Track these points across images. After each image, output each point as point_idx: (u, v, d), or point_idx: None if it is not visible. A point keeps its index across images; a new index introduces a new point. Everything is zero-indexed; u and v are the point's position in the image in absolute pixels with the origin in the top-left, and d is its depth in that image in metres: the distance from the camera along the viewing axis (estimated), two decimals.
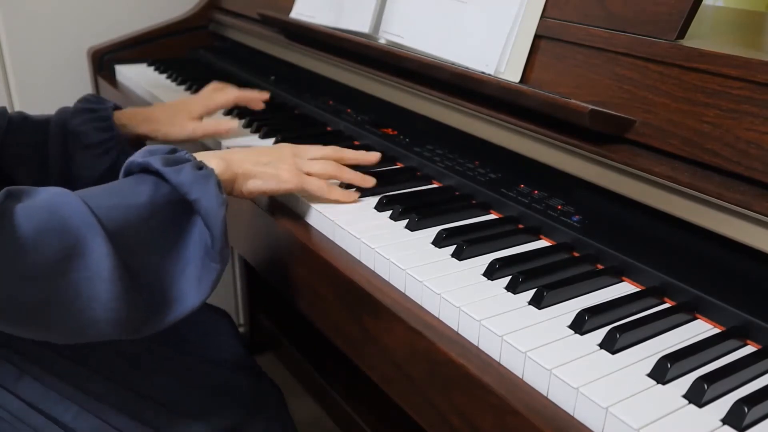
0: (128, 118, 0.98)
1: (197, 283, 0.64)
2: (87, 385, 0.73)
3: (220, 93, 1.03)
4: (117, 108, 0.99)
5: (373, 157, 0.84)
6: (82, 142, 0.94)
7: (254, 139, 1.01)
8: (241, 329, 1.87)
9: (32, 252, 0.55)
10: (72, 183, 0.96)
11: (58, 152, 0.95)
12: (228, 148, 0.96)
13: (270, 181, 0.75)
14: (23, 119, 0.93)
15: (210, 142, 1.02)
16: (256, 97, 1.04)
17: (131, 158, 0.67)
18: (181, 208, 0.65)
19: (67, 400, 0.71)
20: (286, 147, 0.80)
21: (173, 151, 0.68)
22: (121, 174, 0.67)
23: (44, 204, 0.58)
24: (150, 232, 0.63)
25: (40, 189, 0.60)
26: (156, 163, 0.64)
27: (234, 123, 0.98)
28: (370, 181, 0.80)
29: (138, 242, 0.62)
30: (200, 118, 1.00)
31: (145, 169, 0.66)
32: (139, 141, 1.00)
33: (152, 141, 1.00)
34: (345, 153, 0.82)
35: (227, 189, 0.72)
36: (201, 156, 0.71)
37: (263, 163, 0.75)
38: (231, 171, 0.72)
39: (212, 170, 0.67)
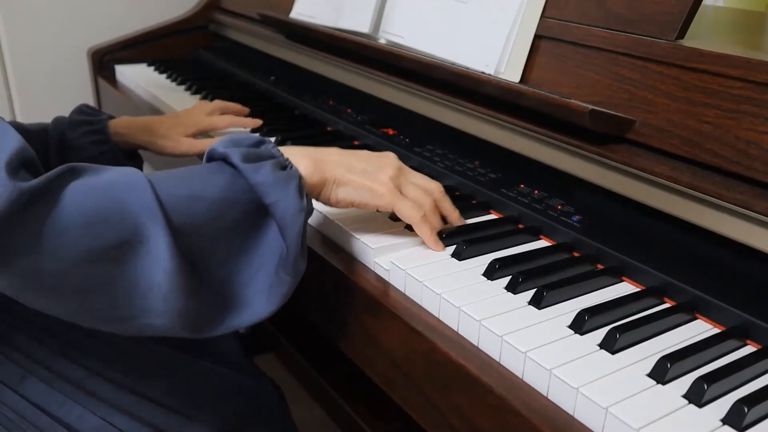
0: (126, 127, 0.98)
1: (267, 291, 0.59)
2: (89, 386, 0.73)
3: (217, 118, 1.04)
4: (111, 118, 0.99)
5: (461, 220, 0.74)
6: (79, 156, 0.94)
7: None
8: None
9: (82, 233, 0.52)
10: None
11: (58, 164, 0.95)
12: None
13: (364, 193, 0.67)
14: (23, 131, 0.93)
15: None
16: (249, 123, 1.05)
17: (213, 145, 0.62)
18: (256, 209, 0.59)
19: (71, 400, 0.71)
20: (392, 158, 0.71)
21: (258, 143, 0.63)
22: (204, 159, 0.63)
23: (105, 185, 0.54)
24: (219, 229, 0.58)
25: (108, 168, 0.56)
26: (235, 156, 0.59)
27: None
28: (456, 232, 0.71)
29: (205, 237, 0.57)
30: (194, 135, 1.01)
31: (225, 160, 0.61)
32: (135, 151, 1.01)
33: (148, 151, 1.01)
34: (445, 201, 0.72)
35: (314, 193, 0.66)
36: (289, 153, 0.64)
37: (359, 171, 0.67)
38: (321, 174, 0.65)
39: (296, 172, 0.61)
